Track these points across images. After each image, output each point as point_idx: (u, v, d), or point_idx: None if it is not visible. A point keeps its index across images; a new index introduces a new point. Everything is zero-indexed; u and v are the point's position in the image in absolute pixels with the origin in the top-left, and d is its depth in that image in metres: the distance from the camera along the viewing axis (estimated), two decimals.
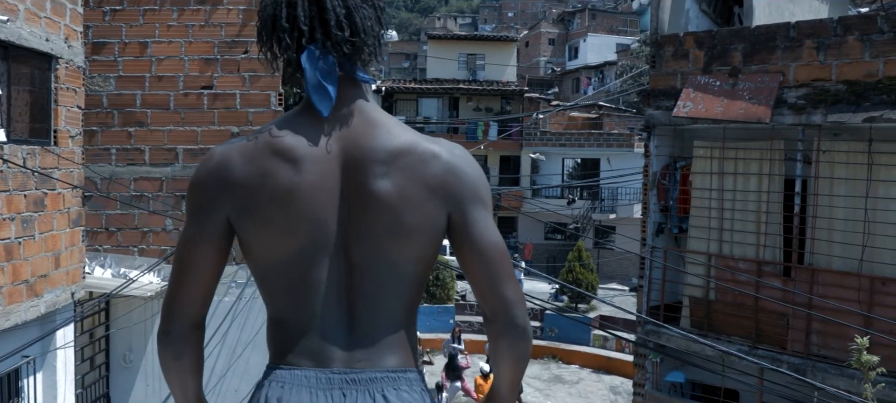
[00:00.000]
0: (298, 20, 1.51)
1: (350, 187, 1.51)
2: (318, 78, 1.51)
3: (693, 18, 10.43)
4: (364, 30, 1.54)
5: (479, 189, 1.57)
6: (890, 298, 7.51)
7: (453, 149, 1.59)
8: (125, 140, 9.00)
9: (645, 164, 9.84)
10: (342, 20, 1.51)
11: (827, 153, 8.09)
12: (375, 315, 1.54)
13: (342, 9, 1.52)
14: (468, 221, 1.55)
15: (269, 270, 1.55)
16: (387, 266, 1.53)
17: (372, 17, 1.56)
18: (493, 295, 1.56)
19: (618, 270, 29.14)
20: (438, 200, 1.53)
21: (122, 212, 8.97)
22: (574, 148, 32.17)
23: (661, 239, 9.65)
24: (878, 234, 7.67)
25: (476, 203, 1.56)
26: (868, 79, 7.81)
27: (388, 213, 1.49)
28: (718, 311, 8.77)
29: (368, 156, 1.51)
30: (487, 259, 1.55)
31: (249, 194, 1.50)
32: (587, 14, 67.10)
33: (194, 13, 8.95)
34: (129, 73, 8.97)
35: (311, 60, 1.51)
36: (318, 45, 1.52)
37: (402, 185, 1.50)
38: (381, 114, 1.59)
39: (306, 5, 1.52)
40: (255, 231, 1.52)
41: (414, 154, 1.53)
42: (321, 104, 1.52)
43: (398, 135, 1.55)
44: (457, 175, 1.55)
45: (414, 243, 1.52)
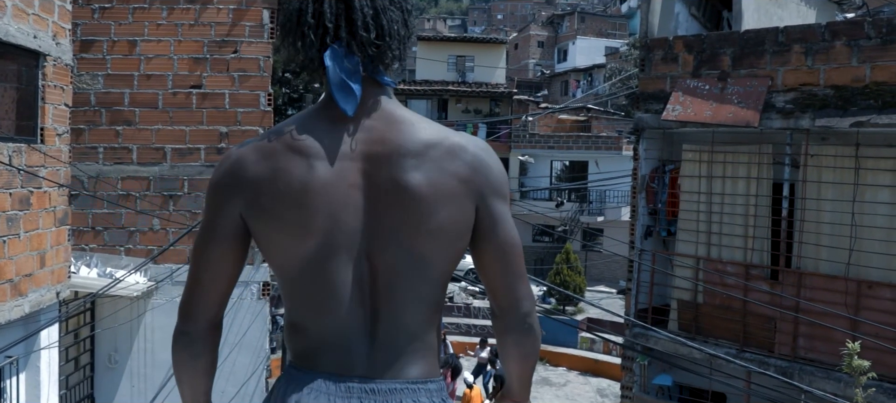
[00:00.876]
0: (324, 17, 1.49)
1: (375, 183, 1.48)
2: (343, 77, 1.48)
3: (682, 22, 10.47)
4: (390, 33, 1.51)
5: (502, 184, 1.58)
6: (876, 302, 7.56)
7: (479, 142, 1.58)
8: (113, 139, 8.94)
9: (634, 167, 9.87)
10: (369, 21, 1.49)
11: (815, 157, 8.13)
12: (398, 321, 1.51)
13: (370, 9, 1.49)
14: (494, 216, 1.54)
15: (286, 272, 1.52)
16: (413, 267, 1.50)
17: (399, 20, 1.53)
18: (506, 290, 1.57)
19: (605, 272, 29.20)
20: (467, 193, 1.51)
21: (109, 212, 8.91)
22: (562, 150, 32.22)
23: (649, 241, 9.68)
24: (864, 238, 7.72)
25: (501, 198, 1.56)
26: (855, 84, 7.86)
27: (419, 207, 1.46)
28: (706, 314, 8.80)
29: (397, 150, 1.48)
30: (507, 256, 1.55)
31: (261, 191, 1.48)
32: (576, 17, 67.28)
33: (184, 12, 8.91)
34: (117, 72, 8.91)
35: (335, 59, 1.48)
36: (342, 43, 1.49)
37: (433, 177, 1.48)
38: (406, 111, 1.57)
39: (334, 2, 1.50)
40: (268, 229, 1.50)
41: (442, 146, 1.51)
42: (346, 103, 1.49)
43: (425, 128, 1.53)
44: (484, 168, 1.54)
45: (444, 240, 1.50)
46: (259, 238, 1.52)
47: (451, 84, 34.91)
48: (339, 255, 1.48)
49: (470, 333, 22.15)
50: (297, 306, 1.54)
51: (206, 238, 1.54)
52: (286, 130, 1.51)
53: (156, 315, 8.71)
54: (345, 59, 1.48)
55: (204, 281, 1.54)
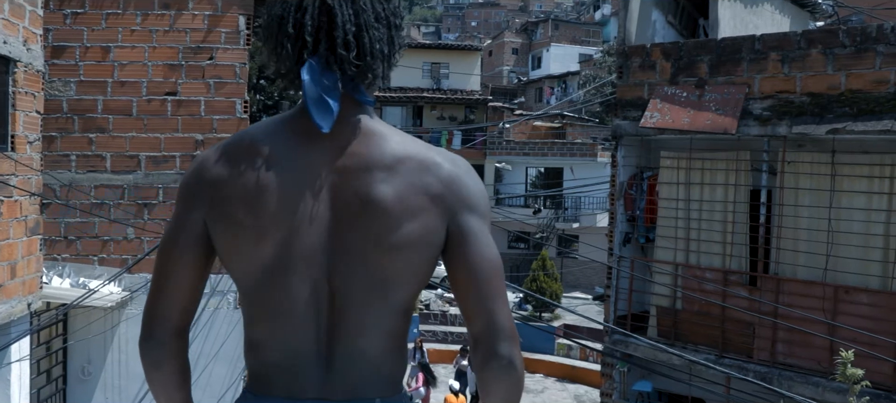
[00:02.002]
0: (304, 30, 1.43)
1: (341, 198, 1.41)
2: (320, 93, 1.42)
3: (659, 30, 10.53)
4: (371, 52, 1.45)
5: (479, 201, 1.49)
6: (853, 306, 7.63)
7: (456, 159, 1.51)
8: (86, 146, 8.79)
9: (612, 174, 9.89)
10: (350, 39, 1.43)
11: (791, 164, 8.20)
12: (356, 346, 1.44)
13: (352, 26, 1.43)
14: (465, 232, 1.45)
15: (242, 283, 1.47)
16: (374, 290, 1.43)
17: (383, 39, 1.47)
18: (480, 316, 1.44)
19: (581, 279, 29.31)
20: (438, 210, 1.44)
21: (82, 220, 8.76)
22: (537, 157, 32.33)
23: (628, 248, 9.70)
24: (841, 244, 7.79)
25: (476, 214, 1.47)
26: (831, 91, 7.93)
27: (384, 220, 1.39)
28: (685, 321, 8.83)
29: (366, 163, 1.42)
30: (480, 276, 1.44)
31: (221, 193, 1.44)
32: (550, 24, 67.65)
33: (158, 18, 8.80)
34: (90, 78, 8.77)
35: (311, 74, 1.42)
36: (320, 59, 1.43)
37: (401, 191, 1.41)
38: (383, 125, 1.51)
39: (316, 15, 1.43)
40: (225, 233, 1.45)
41: (416, 160, 1.45)
42: (322, 119, 1.42)
43: (400, 142, 1.47)
44: (458, 185, 1.47)
45: (408, 257, 1.42)
46: (217, 242, 1.47)
47: (426, 91, 34.93)
48: (297, 271, 1.42)
49: (447, 340, 22.11)
50: (252, 321, 1.48)
51: (170, 242, 1.49)
52: (255, 136, 1.47)
53: (130, 325, 8.57)
54: (323, 75, 1.42)
55: (167, 288, 1.48)
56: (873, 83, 7.67)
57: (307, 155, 1.44)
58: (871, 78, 7.69)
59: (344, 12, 1.43)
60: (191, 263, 1.48)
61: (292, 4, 1.46)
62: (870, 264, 7.67)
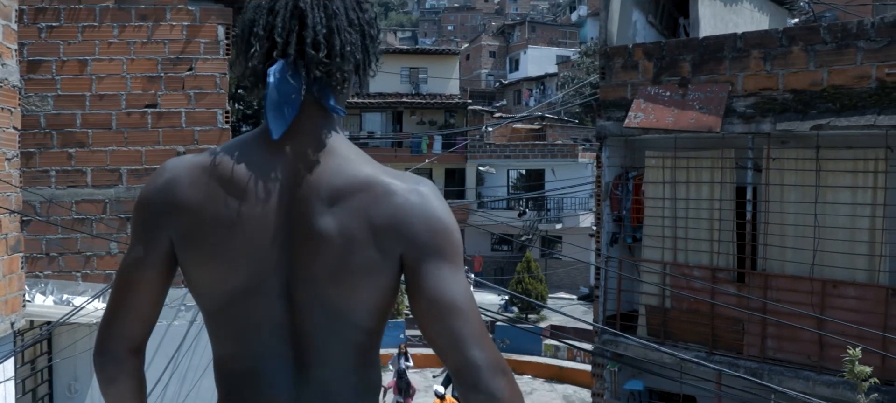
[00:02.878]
0: (275, 30, 1.41)
1: (294, 224, 1.38)
2: (278, 97, 1.38)
3: (640, 30, 10.56)
4: (342, 54, 1.41)
5: (436, 233, 1.38)
6: (841, 300, 7.68)
7: (418, 186, 1.41)
8: (65, 161, 8.65)
9: (597, 175, 9.90)
10: (320, 39, 1.39)
11: (776, 160, 8.24)
12: (323, 364, 1.41)
13: (323, 28, 1.40)
14: (420, 272, 1.36)
15: (211, 308, 1.44)
16: (331, 312, 1.39)
17: (355, 43, 1.43)
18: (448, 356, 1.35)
19: (566, 279, 29.37)
20: (387, 242, 1.36)
21: (64, 236, 8.62)
22: (518, 159, 32.37)
23: (615, 248, 9.70)
24: (827, 238, 7.84)
25: (431, 251, 1.37)
26: (813, 88, 7.99)
27: (328, 255, 1.36)
28: (675, 319, 8.85)
29: (317, 190, 1.38)
30: (440, 317, 1.34)
31: (194, 219, 1.40)
32: (527, 26, 67.85)
33: (136, 29, 8.68)
34: (68, 92, 8.63)
35: (278, 76, 1.38)
36: (288, 61, 1.40)
37: (346, 224, 1.36)
38: (345, 145, 1.44)
39: (287, 16, 1.41)
40: (197, 261, 1.41)
41: (367, 190, 1.38)
42: (274, 124, 1.38)
43: (355, 168, 1.40)
44: (410, 215, 1.37)
45: (360, 289, 1.37)
46: (186, 268, 1.44)
47: (405, 96, 34.88)
48: (263, 296, 1.39)
49: None
50: (220, 347, 1.46)
51: (133, 259, 1.45)
52: (224, 154, 1.43)
53: None
54: (289, 78, 1.39)
55: (126, 304, 1.45)
56: (855, 78, 7.73)
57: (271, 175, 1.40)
58: (852, 73, 7.75)
59: (315, 15, 1.41)
60: (154, 283, 1.45)
61: (264, 8, 1.44)
62: (856, 258, 7.72)
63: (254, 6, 1.45)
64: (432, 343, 1.38)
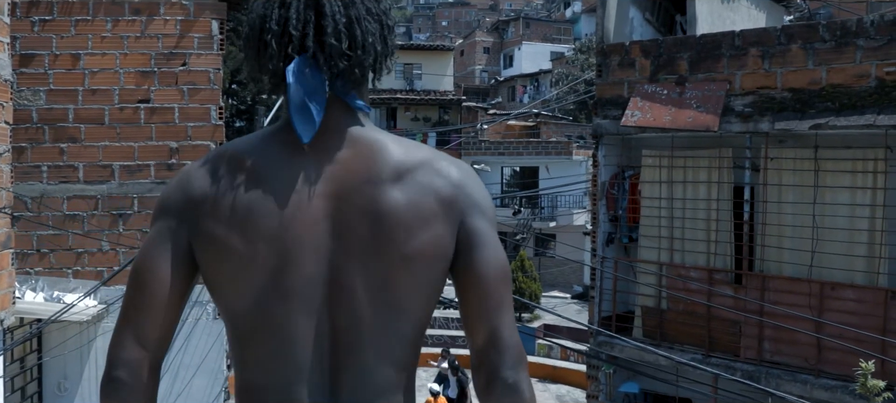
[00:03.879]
0: (290, 24, 1.31)
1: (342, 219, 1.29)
2: (303, 97, 1.29)
3: (637, 27, 10.50)
4: (364, 45, 1.34)
5: (487, 204, 1.42)
6: (839, 302, 7.63)
7: (461, 163, 1.44)
8: (57, 157, 8.56)
9: (593, 174, 9.84)
10: (341, 30, 1.31)
11: (774, 160, 8.19)
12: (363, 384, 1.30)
13: (343, 18, 1.32)
14: (475, 236, 1.36)
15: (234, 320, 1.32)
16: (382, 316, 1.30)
17: (375, 34, 1.36)
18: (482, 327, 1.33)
19: (559, 278, 29.31)
20: (450, 215, 1.35)
21: (55, 233, 8.52)
22: (512, 156, 32.29)
23: (611, 248, 9.64)
24: (826, 240, 7.79)
25: (485, 217, 1.40)
26: (812, 86, 7.93)
27: (397, 233, 1.28)
28: (671, 320, 8.79)
29: (370, 175, 1.31)
30: (487, 282, 1.35)
31: (209, 214, 1.30)
32: (521, 22, 67.73)
33: (129, 24, 8.58)
34: (60, 87, 8.53)
35: (298, 74, 1.30)
36: (307, 56, 1.31)
37: (412, 196, 1.32)
38: (381, 132, 1.40)
39: (301, 8, 1.32)
40: (213, 259, 1.31)
41: (422, 165, 1.36)
42: (302, 128, 1.30)
43: (405, 148, 1.38)
44: (468, 188, 1.39)
45: (422, 271, 1.31)
46: (205, 269, 1.33)
47: (400, 92, 34.78)
48: (293, 303, 1.28)
49: (427, 344, 22.00)
50: (245, 361, 1.33)
51: (150, 261, 1.32)
52: (243, 150, 1.34)
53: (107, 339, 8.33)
54: (310, 75, 1.31)
55: (143, 318, 1.30)
56: (854, 77, 7.68)
57: (301, 170, 1.31)
58: (852, 72, 7.70)
59: (333, 4, 1.33)
60: (171, 292, 1.31)
61: (275, 1, 1.35)
62: (855, 260, 7.67)
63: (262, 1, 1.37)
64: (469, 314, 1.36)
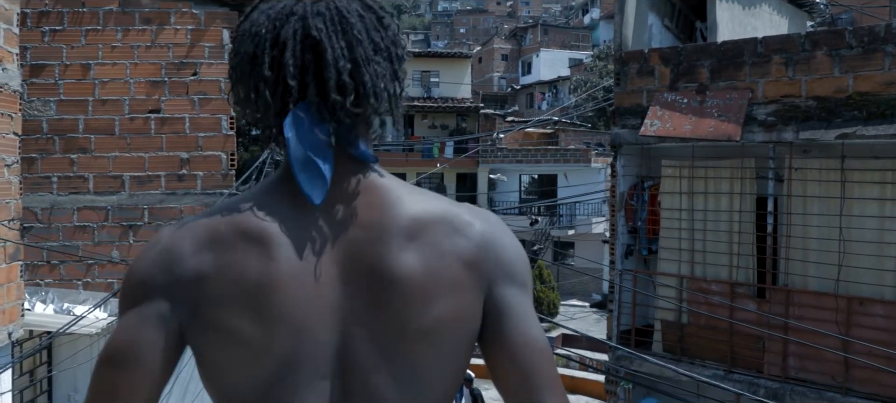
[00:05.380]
0: (286, 70, 1.11)
1: (354, 280, 1.10)
2: (306, 152, 1.11)
3: (656, 34, 10.28)
4: (375, 92, 1.13)
5: (520, 268, 1.21)
6: (868, 318, 7.36)
7: (488, 216, 1.22)
8: (67, 167, 8.49)
9: (612, 185, 9.62)
10: (345, 79, 1.11)
11: (799, 170, 7.93)
12: None
13: (347, 62, 1.11)
14: (506, 308, 1.16)
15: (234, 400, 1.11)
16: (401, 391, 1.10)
17: (387, 74, 1.16)
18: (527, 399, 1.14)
19: (578, 286, 29.04)
20: (474, 280, 1.15)
21: (65, 244, 8.44)
22: (530, 164, 32.06)
23: (630, 261, 9.41)
24: (853, 253, 7.51)
25: (517, 285, 1.18)
26: (838, 94, 7.68)
27: (411, 299, 1.10)
28: (692, 335, 8.55)
29: (382, 232, 1.12)
30: (526, 361, 1.14)
31: (206, 292, 1.08)
32: (539, 29, 67.54)
33: (140, 33, 8.50)
34: (70, 97, 8.47)
35: (298, 128, 1.11)
36: (309, 106, 1.12)
37: (428, 259, 1.12)
38: (394, 181, 1.19)
39: (299, 50, 1.11)
40: (213, 345, 1.09)
41: (441, 220, 1.16)
42: (311, 188, 1.11)
43: (420, 201, 1.18)
44: (496, 247, 1.18)
45: (442, 344, 1.12)
46: (202, 355, 1.11)
47: (417, 100, 34.69)
48: (305, 382, 1.09)
49: None
50: None
51: (122, 355, 1.09)
52: (238, 210, 1.12)
53: None
54: (312, 128, 1.12)
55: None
56: (883, 85, 7.42)
57: (307, 231, 1.12)
58: (880, 80, 7.44)
59: (335, 45, 1.12)
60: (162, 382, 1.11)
61: (266, 39, 1.13)
62: (884, 274, 7.40)
63: (251, 34, 1.15)
64: (508, 394, 1.16)
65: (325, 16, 1.13)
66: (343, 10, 1.14)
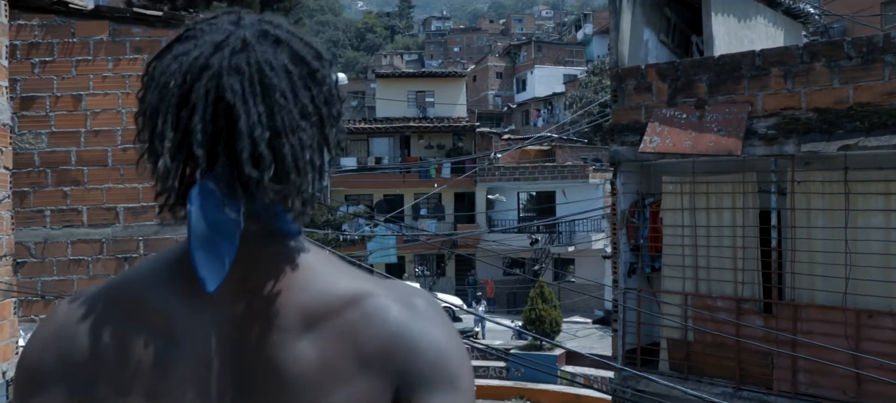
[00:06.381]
0: (193, 136, 0.95)
1: (246, 370, 0.99)
2: (208, 231, 0.96)
3: (652, 49, 10.20)
4: (296, 168, 0.97)
5: (446, 367, 1.02)
6: (878, 332, 7.23)
7: (413, 299, 1.05)
8: (60, 200, 8.37)
9: (613, 203, 9.51)
10: (262, 151, 0.95)
11: (802, 183, 7.83)
12: None
13: (264, 131, 0.95)
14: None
15: None
16: None
17: (312, 145, 0.99)
18: None
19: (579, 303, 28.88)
20: (379, 375, 0.99)
21: (60, 278, 8.31)
22: (528, 181, 31.99)
23: (633, 279, 9.28)
24: (860, 265, 7.39)
25: (437, 390, 1.00)
26: (839, 106, 7.59)
27: (299, 396, 0.97)
28: (698, 352, 8.41)
29: (281, 318, 0.99)
30: None
31: (101, 375, 0.98)
32: (533, 46, 67.74)
33: (131, 62, 8.41)
34: (62, 129, 8.36)
35: (204, 200, 0.96)
36: (218, 180, 0.97)
37: (327, 353, 0.98)
38: (311, 256, 1.04)
39: (209, 115, 0.95)
40: None
41: (351, 308, 1.00)
42: (207, 272, 0.96)
43: (330, 282, 1.02)
44: (412, 341, 1.01)
45: None
46: None
47: (413, 120, 34.70)
48: None
49: None
50: None
51: None
52: (134, 286, 1.02)
53: None
54: (221, 204, 0.97)
55: None
56: (884, 95, 7.33)
57: (202, 316, 1.00)
58: (880, 90, 7.35)
59: (251, 111, 0.95)
60: None
61: (173, 93, 0.97)
62: (892, 286, 7.28)
63: (159, 85, 0.99)
64: None
65: (243, 74, 0.96)
66: (266, 67, 0.98)
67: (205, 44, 0.98)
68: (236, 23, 1.01)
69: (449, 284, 32.28)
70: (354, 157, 32.79)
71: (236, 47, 0.97)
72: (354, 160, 32.46)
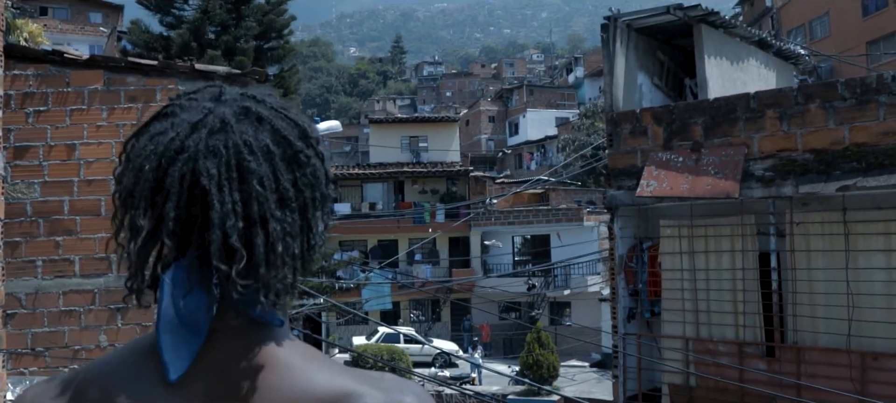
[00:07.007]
0: (165, 223, 0.91)
1: None
2: (177, 318, 0.92)
3: (646, 93, 10.23)
4: (268, 261, 0.92)
5: None
6: (883, 374, 7.13)
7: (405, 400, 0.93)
8: (53, 250, 8.26)
9: (610, 247, 9.44)
10: (235, 243, 0.89)
11: (800, 225, 7.78)
12: None
13: (238, 221, 0.90)
14: None
15: None
16: None
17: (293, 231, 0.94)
18: None
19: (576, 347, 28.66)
20: None
21: (51, 330, 8.17)
22: (522, 225, 31.96)
23: (632, 324, 9.18)
24: (863, 307, 7.32)
25: None
26: (835, 146, 7.58)
27: None
28: (701, 398, 8.29)
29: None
30: None
31: None
32: (525, 90, 68.23)
33: (125, 112, 8.37)
34: (55, 178, 8.28)
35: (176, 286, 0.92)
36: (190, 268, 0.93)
37: None
38: (287, 350, 0.96)
39: (183, 203, 0.91)
40: None
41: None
42: (171, 360, 0.92)
43: (305, 380, 0.92)
44: None
45: None
46: None
47: (406, 165, 34.74)
48: None
49: None
50: None
51: None
52: (100, 376, 0.96)
53: None
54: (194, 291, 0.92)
55: None
56: (879, 135, 7.33)
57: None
58: (876, 130, 7.35)
59: (225, 200, 0.90)
60: None
61: (147, 175, 0.93)
62: None
63: (134, 168, 0.96)
64: None
65: (220, 157, 0.91)
66: (244, 149, 0.92)
67: (182, 123, 0.94)
68: (217, 98, 0.96)
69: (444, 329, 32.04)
70: (348, 203, 32.75)
71: (214, 127, 0.93)
72: (348, 206, 32.44)
